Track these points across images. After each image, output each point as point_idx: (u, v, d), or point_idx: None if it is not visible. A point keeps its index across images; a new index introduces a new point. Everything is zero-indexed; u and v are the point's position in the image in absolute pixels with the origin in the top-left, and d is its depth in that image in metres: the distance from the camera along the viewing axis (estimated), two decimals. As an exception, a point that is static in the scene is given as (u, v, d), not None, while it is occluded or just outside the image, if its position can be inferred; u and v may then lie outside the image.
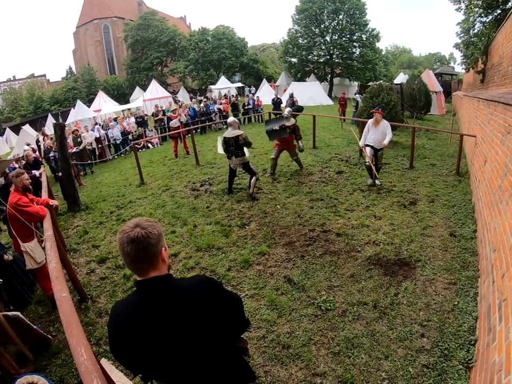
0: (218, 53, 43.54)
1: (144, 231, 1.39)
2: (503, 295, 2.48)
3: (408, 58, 58.31)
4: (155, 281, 1.44)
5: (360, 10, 35.88)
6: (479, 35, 11.36)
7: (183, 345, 1.46)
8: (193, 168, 9.93)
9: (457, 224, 5.44)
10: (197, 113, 17.52)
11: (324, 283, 4.15)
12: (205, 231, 5.80)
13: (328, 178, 8.06)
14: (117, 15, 57.13)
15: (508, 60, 6.88)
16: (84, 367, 1.50)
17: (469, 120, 10.77)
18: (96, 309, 4.10)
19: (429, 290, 3.88)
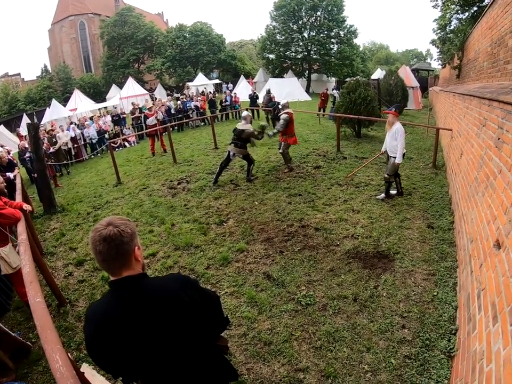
0: (195, 49, 43.20)
1: (117, 229, 1.37)
2: (482, 285, 2.50)
3: (385, 54, 59.03)
4: (128, 281, 1.42)
5: (338, 7, 36.20)
6: (455, 31, 11.60)
7: (159, 345, 1.43)
8: (171, 166, 9.80)
9: (434, 216, 5.52)
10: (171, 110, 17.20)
11: (304, 278, 4.14)
12: (183, 229, 5.71)
13: (306, 173, 8.07)
14: (93, 12, 55.34)
15: (483, 56, 7.02)
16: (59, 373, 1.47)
17: (445, 115, 10.97)
18: (75, 313, 3.99)
19: (408, 281, 3.92)
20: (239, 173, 8.39)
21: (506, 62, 4.79)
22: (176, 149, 10.86)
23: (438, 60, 14.90)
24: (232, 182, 7.80)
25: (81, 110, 23.12)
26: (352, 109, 11.34)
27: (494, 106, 3.51)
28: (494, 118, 3.46)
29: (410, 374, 2.75)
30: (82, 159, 13.53)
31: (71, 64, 50.61)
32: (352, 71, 36.60)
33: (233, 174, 8.33)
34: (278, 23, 38.01)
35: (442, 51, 12.87)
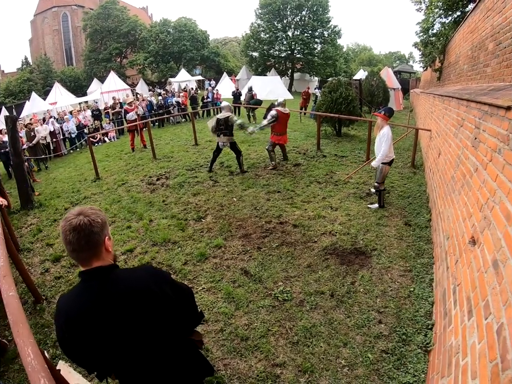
0: (179, 45, 42.83)
1: (87, 219, 1.36)
2: (457, 280, 2.53)
3: (368, 56, 59.72)
4: (98, 272, 1.40)
5: (323, 7, 36.53)
6: (438, 35, 11.81)
7: (130, 337, 1.42)
8: (150, 162, 9.68)
9: (412, 214, 5.61)
10: (154, 106, 17.01)
11: (281, 274, 4.14)
12: (161, 225, 5.65)
13: (286, 171, 8.09)
14: (76, 3, 54.13)
15: (464, 59, 7.17)
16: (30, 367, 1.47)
17: (424, 116, 11.17)
18: (51, 309, 3.87)
19: (385, 277, 3.96)
20: (219, 170, 8.37)
21: (485, 65, 4.90)
22: (156, 145, 10.76)
23: (420, 63, 15.17)
24: (211, 178, 7.76)
25: (62, 104, 22.55)
26: (333, 108, 11.41)
27: (472, 107, 3.57)
28: (471, 119, 3.52)
29: (387, 368, 2.77)
30: (61, 153, 13.21)
31: (52, 57, 49.50)
32: (335, 71, 37.00)
33: (213, 171, 8.27)
34: (262, 21, 38.10)
35: (424, 54, 13.10)
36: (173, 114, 16.72)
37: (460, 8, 10.41)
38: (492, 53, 4.51)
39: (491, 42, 4.59)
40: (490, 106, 2.70)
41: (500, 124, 2.37)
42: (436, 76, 12.66)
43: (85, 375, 2.77)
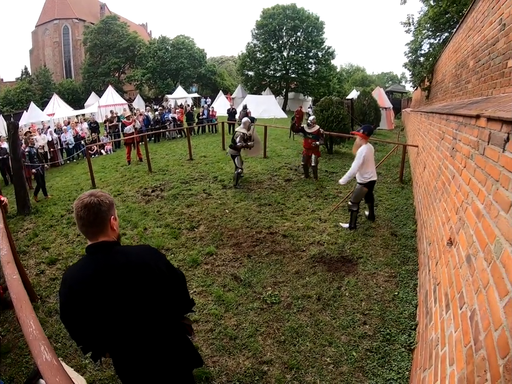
0: (176, 62, 43.38)
1: (97, 199, 1.56)
2: (437, 280, 2.68)
3: (361, 76, 60.87)
4: (103, 246, 1.58)
5: (318, 29, 37.37)
6: (426, 55, 12.24)
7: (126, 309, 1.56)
8: (146, 175, 9.80)
9: (398, 225, 5.80)
10: (151, 121, 17.24)
11: (270, 279, 4.28)
12: (155, 233, 5.77)
13: (277, 185, 8.28)
14: (78, 17, 54.57)
15: (449, 77, 7.49)
16: (32, 336, 1.54)
17: (413, 133, 11.49)
18: (46, 308, 3.98)
19: (370, 283, 4.11)
20: (212, 183, 8.53)
21: (467, 81, 5.16)
22: (151, 159, 10.89)
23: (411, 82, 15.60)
24: (204, 191, 7.90)
25: (59, 116, 22.59)
26: (325, 126, 11.60)
27: (450, 120, 3.78)
28: (450, 131, 3.73)
29: (372, 366, 2.88)
30: (58, 162, 13.32)
31: (51, 69, 49.55)
32: (328, 91, 37.47)
33: (206, 184, 8.42)
34: (259, 41, 38.78)
35: (413, 73, 13.52)
36: (169, 129, 16.92)
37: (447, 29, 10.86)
38: (472, 70, 4.78)
39: (471, 60, 4.87)
40: (465, 117, 2.90)
41: (472, 132, 2.56)
42: (425, 95, 13.05)
43: (77, 369, 2.86)
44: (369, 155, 5.39)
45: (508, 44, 3.01)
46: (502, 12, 3.33)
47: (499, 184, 1.75)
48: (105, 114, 20.45)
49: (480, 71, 4.14)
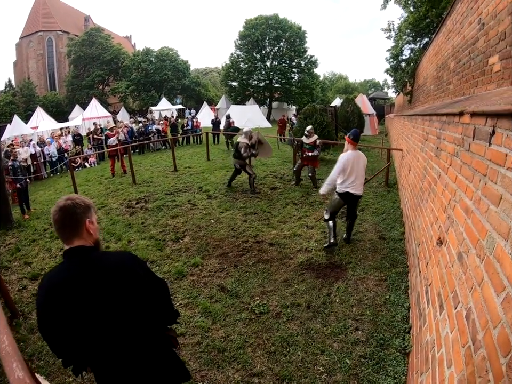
0: (160, 74, 43.36)
1: (72, 202, 1.56)
2: (428, 281, 2.63)
3: (344, 84, 61.78)
4: (80, 250, 1.54)
5: (300, 38, 38.01)
6: (407, 60, 12.44)
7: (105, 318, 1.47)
8: (130, 187, 9.67)
9: (386, 228, 5.78)
10: (135, 133, 17.13)
11: (257, 289, 4.18)
12: (139, 245, 5.64)
13: (263, 194, 8.24)
14: (62, 29, 54.26)
15: (430, 80, 7.60)
16: (4, 352, 1.52)
17: (397, 137, 11.63)
18: (28, 325, 3.83)
19: (360, 288, 4.04)
20: (197, 194, 8.46)
21: (448, 83, 5.22)
22: (136, 170, 10.79)
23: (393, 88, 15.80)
24: (189, 202, 7.81)
25: (43, 129, 22.28)
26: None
27: (434, 120, 3.80)
28: (433, 131, 3.73)
29: (366, 372, 2.79)
30: (41, 175, 13.08)
31: (35, 81, 49.02)
32: (312, 100, 37.93)
33: (191, 195, 8.35)
34: (242, 52, 39.15)
35: (395, 79, 13.69)
36: (153, 141, 16.81)
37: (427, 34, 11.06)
38: (453, 70, 4.84)
39: (452, 61, 4.93)
40: (448, 116, 2.89)
41: (456, 129, 2.55)
42: (407, 99, 13.25)
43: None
44: (352, 162, 4.83)
45: (488, 42, 3.04)
46: (481, 12, 3.37)
47: (487, 179, 1.74)
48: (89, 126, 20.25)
49: (461, 71, 4.19)
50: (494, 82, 2.75)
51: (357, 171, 4.89)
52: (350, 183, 4.91)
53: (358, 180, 4.94)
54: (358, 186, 4.95)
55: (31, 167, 12.92)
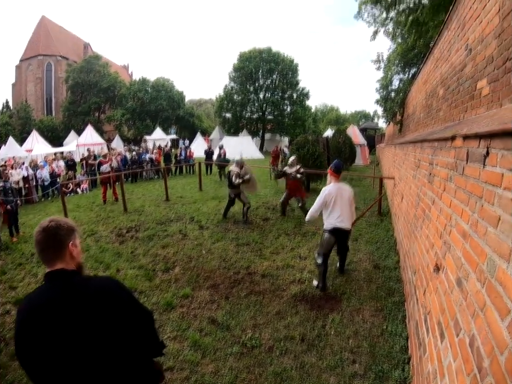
0: (156, 104, 43.91)
1: (55, 223, 1.51)
2: (427, 309, 2.56)
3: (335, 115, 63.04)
4: (62, 273, 1.48)
5: (293, 71, 39.23)
6: (397, 90, 12.76)
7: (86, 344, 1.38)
8: (121, 215, 9.58)
9: (380, 257, 5.72)
10: (128, 161, 17.17)
11: (249, 322, 4.04)
12: (128, 275, 5.49)
13: (255, 225, 8.17)
14: (62, 54, 55.01)
15: (420, 108, 7.74)
16: None
17: (388, 166, 11.76)
18: (9, 351, 3.65)
19: (356, 319, 3.93)
20: (189, 224, 8.37)
21: (438, 110, 5.30)
22: (127, 199, 10.73)
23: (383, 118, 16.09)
24: (181, 232, 7.71)
25: (37, 152, 22.28)
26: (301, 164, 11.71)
27: (425, 146, 3.82)
28: (425, 157, 3.75)
29: (366, 406, 2.64)
30: (32, 198, 12.89)
31: (32, 104, 49.19)
32: (304, 131, 38.44)
33: (183, 225, 8.25)
34: (236, 83, 40.12)
35: (385, 109, 13.97)
36: (146, 169, 16.82)
37: (415, 64, 11.41)
38: (442, 97, 4.92)
39: (441, 89, 5.03)
40: (439, 141, 2.91)
41: (448, 154, 2.55)
42: (397, 129, 13.49)
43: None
44: (335, 196, 4.60)
45: (475, 67, 3.11)
46: (468, 38, 3.47)
47: (483, 201, 1.71)
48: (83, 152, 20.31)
49: (450, 98, 4.26)
50: (484, 106, 2.79)
51: (341, 204, 4.64)
52: (336, 217, 4.65)
53: (345, 213, 4.67)
54: (345, 220, 4.68)
55: (23, 190, 12.78)
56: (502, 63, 2.46)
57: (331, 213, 4.67)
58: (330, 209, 4.65)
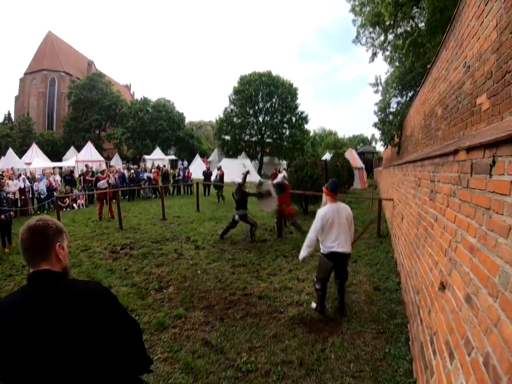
0: (156, 124, 44.31)
1: (43, 222, 1.45)
2: (433, 329, 2.46)
3: (334, 139, 63.82)
4: (46, 274, 1.40)
5: (292, 95, 39.86)
6: (395, 113, 12.92)
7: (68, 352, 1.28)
8: (116, 232, 9.49)
9: (381, 279, 5.61)
10: (126, 179, 17.17)
11: (245, 344, 3.85)
12: (120, 292, 5.31)
13: (252, 246, 8.05)
14: (65, 70, 56.33)
15: (418, 129, 7.81)
16: None
17: (387, 188, 11.75)
18: None
19: (357, 342, 3.77)
20: (184, 243, 8.27)
21: (437, 129, 5.33)
22: (124, 216, 10.68)
23: (381, 141, 16.22)
24: (176, 251, 7.59)
25: (36, 166, 22.40)
26: (300, 186, 11.71)
27: (426, 164, 3.79)
28: (426, 175, 3.71)
29: None
30: (27, 210, 12.82)
31: (34, 118, 49.82)
32: (302, 155, 38.73)
33: (178, 244, 8.16)
34: (236, 106, 40.66)
35: (383, 131, 14.09)
36: (144, 187, 16.78)
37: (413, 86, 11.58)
38: (441, 117, 4.96)
39: (439, 108, 5.06)
40: (441, 157, 2.87)
41: (451, 169, 2.51)
42: (395, 151, 13.58)
43: None
44: (332, 217, 4.28)
45: (474, 83, 3.13)
46: (466, 55, 3.51)
47: (491, 212, 1.65)
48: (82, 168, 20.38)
49: (449, 116, 4.28)
50: (484, 121, 2.78)
51: (339, 226, 4.29)
52: (333, 240, 4.30)
53: (342, 236, 4.31)
54: (343, 243, 4.31)
55: (19, 201, 12.70)
56: (501, 77, 2.47)
57: (327, 235, 4.33)
58: (326, 231, 4.31)
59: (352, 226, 4.54)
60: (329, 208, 4.36)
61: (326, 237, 4.35)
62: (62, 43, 60.40)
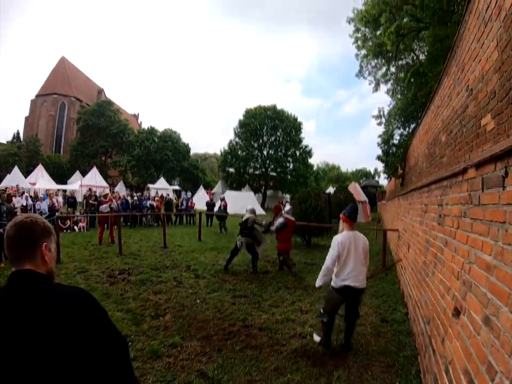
0: (161, 154, 45.08)
1: (31, 220, 1.38)
2: (448, 358, 2.30)
3: (337, 174, 64.44)
4: (29, 274, 1.30)
5: (296, 129, 40.63)
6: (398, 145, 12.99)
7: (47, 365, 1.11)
8: (115, 257, 9.36)
9: (388, 310, 5.44)
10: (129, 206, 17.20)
11: (244, 378, 3.62)
12: (114, 317, 5.07)
13: (254, 277, 7.90)
14: (76, 96, 57.98)
15: (422, 158, 7.78)
16: None
17: (391, 219, 11.62)
18: None
19: (364, 376, 3.54)
20: (185, 272, 8.11)
21: (441, 156, 5.28)
22: (124, 242, 10.57)
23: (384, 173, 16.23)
24: (175, 279, 7.42)
25: (40, 186, 22.57)
26: (303, 218, 11.54)
27: (433, 189, 3.73)
28: (434, 200, 3.64)
29: None
30: None
31: (42, 139, 50.71)
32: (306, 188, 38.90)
33: (178, 272, 8.00)
34: (240, 139, 41.38)
35: (386, 163, 14.13)
36: (146, 213, 16.80)
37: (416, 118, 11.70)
38: (445, 143, 4.93)
39: (443, 135, 5.04)
40: (449, 179, 2.81)
41: (460, 189, 2.47)
42: (399, 183, 13.54)
43: None
44: (348, 246, 3.96)
45: (478, 105, 3.12)
46: (468, 79, 3.52)
47: (507, 225, 1.58)
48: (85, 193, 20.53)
49: (454, 141, 4.25)
50: (490, 141, 2.74)
51: (355, 257, 3.95)
52: (348, 273, 3.93)
53: (358, 268, 3.95)
54: (358, 276, 3.94)
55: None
56: (505, 95, 2.47)
57: (343, 267, 3.96)
58: (342, 261, 3.95)
59: (368, 258, 4.22)
60: (346, 235, 4.05)
61: (341, 267, 4.00)
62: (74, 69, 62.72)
